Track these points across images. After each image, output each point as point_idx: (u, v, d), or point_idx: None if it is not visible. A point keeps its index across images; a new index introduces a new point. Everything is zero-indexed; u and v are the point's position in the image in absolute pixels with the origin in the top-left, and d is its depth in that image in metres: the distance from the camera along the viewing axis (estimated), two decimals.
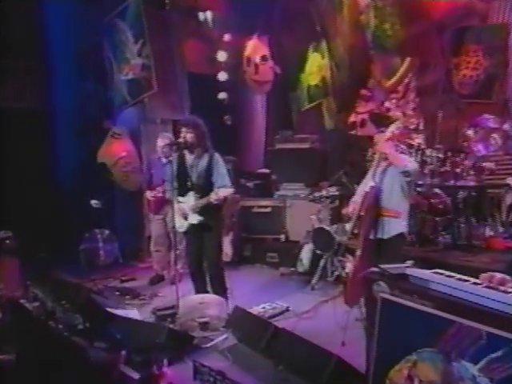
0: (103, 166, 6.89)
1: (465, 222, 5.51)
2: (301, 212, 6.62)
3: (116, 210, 7.13)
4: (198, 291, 4.92)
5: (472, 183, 5.37)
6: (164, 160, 5.88)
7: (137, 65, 6.78)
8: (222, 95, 8.40)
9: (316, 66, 8.57)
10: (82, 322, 4.15)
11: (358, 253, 4.21)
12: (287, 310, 4.94)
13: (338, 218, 5.92)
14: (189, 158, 4.74)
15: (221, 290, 4.79)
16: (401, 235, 4.34)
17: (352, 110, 8.28)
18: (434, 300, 2.67)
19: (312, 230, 5.88)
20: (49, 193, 6.91)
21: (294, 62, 8.70)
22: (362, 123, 8.14)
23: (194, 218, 4.65)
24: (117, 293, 5.65)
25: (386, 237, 4.31)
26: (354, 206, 4.43)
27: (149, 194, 5.86)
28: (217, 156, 4.75)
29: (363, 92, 8.08)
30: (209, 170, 4.67)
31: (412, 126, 6.61)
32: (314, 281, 5.70)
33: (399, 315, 2.83)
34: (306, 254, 6.01)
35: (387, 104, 7.77)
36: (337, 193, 5.73)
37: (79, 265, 6.40)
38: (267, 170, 7.90)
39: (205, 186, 4.64)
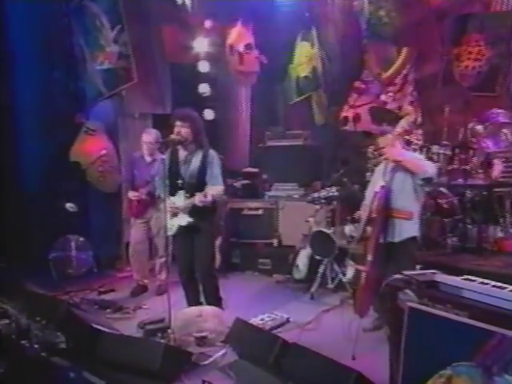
0: (76, 165, 6.71)
1: (473, 223, 5.57)
2: (295, 214, 6.60)
3: (90, 214, 6.95)
4: (190, 302, 4.85)
5: (480, 182, 5.44)
6: (148, 158, 5.79)
7: (113, 53, 6.64)
8: (203, 87, 8.29)
9: (305, 56, 8.56)
10: (65, 341, 4.01)
11: (369, 258, 4.21)
12: (288, 321, 4.91)
13: (339, 220, 5.93)
14: (182, 154, 4.68)
15: (215, 300, 4.74)
16: (413, 239, 4.36)
17: (344, 103, 8.33)
18: (469, 309, 2.68)
19: (310, 234, 5.86)
20: (12, 196, 6.69)
21: (282, 51, 8.69)
22: (356, 118, 8.17)
23: (183, 219, 4.58)
24: (95, 306, 5.51)
25: (397, 240, 4.33)
26: (364, 209, 4.43)
27: (132, 195, 5.74)
28: (212, 153, 4.69)
29: (357, 84, 8.10)
30: (202, 169, 4.61)
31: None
32: (313, 289, 5.69)
33: (430, 326, 2.82)
34: (302, 260, 5.99)
35: (383, 97, 7.81)
36: (336, 193, 5.72)
37: (49, 276, 6.25)
38: (255, 169, 7.85)
39: (197, 186, 4.57)
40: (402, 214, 4.29)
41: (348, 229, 6.24)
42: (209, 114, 8.34)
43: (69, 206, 5.98)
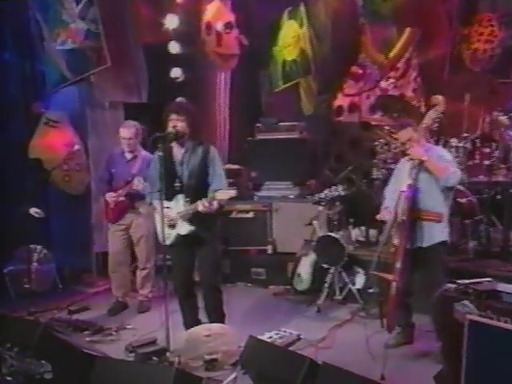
0: (37, 162, 6.54)
1: (493, 224, 5.73)
2: (291, 217, 6.63)
3: (52, 221, 6.78)
4: (187, 320, 4.83)
5: (503, 178, 5.59)
6: (129, 155, 5.71)
7: (79, 30, 6.50)
8: (175, 72, 8.20)
9: (292, 37, 8.62)
10: (50, 370, 3.91)
11: (398, 265, 4.27)
12: (299, 338, 4.94)
13: (346, 222, 6.01)
14: (178, 152, 4.63)
15: (218, 318, 4.73)
16: (443, 243, 4.46)
17: (338, 91, 8.43)
18: None
19: (315, 239, 5.89)
20: None
21: (265, 31, 8.70)
22: (352, 107, 8.30)
23: (184, 228, 4.54)
24: (69, 328, 5.39)
25: (425, 245, 4.42)
26: (389, 211, 4.49)
27: (109, 197, 5.64)
28: (213, 150, 4.67)
29: (353, 70, 8.24)
30: (203, 168, 4.58)
31: None
32: (320, 301, 5.74)
33: (495, 340, 2.89)
34: (305, 269, 6.03)
35: (383, 84, 7.97)
36: (343, 192, 5.78)
37: (6, 293, 6.10)
38: (236, 166, 7.83)
39: (197, 188, 4.54)
40: (431, 215, 4.38)
41: (354, 233, 6.37)
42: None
43: (33, 211, 5.79)
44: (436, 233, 4.42)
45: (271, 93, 8.87)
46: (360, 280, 5.91)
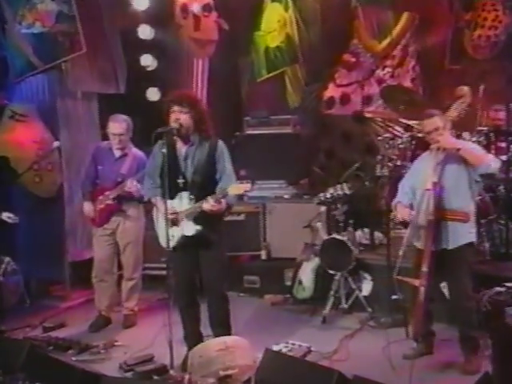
0: (2, 161, 6.46)
1: (507, 224, 5.94)
2: (287, 219, 6.74)
3: (17, 227, 6.67)
4: (189, 333, 4.89)
5: None
6: (118, 153, 5.70)
7: (49, 12, 6.44)
8: (146, 59, 8.17)
9: (277, 21, 8.70)
10: None
11: (424, 269, 4.41)
12: (309, 351, 5.04)
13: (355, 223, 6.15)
14: (181, 146, 4.68)
15: (225, 330, 4.79)
16: (470, 245, 4.62)
17: (328, 81, 8.56)
18: None
19: (320, 242, 6.03)
20: None
21: (247, 14, 8.76)
22: (344, 99, 8.44)
23: (189, 228, 4.58)
24: (49, 347, 5.35)
25: (451, 247, 4.57)
26: (408, 210, 4.60)
27: (86, 208, 5.72)
28: (221, 145, 4.74)
29: (345, 58, 8.38)
30: (210, 164, 4.64)
31: None
32: (325, 310, 5.86)
33: None
34: (307, 275, 6.13)
35: (379, 73, 8.13)
36: (349, 191, 5.90)
37: None
38: None
39: (203, 185, 4.61)
40: (458, 215, 4.52)
41: (358, 235, 6.51)
42: (153, 94, 8.29)
43: (5, 215, 5.73)
44: (462, 234, 4.56)
45: (253, 83, 8.93)
46: (367, 286, 6.07)
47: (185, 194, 4.59)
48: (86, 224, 6.71)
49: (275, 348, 4.95)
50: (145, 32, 7.98)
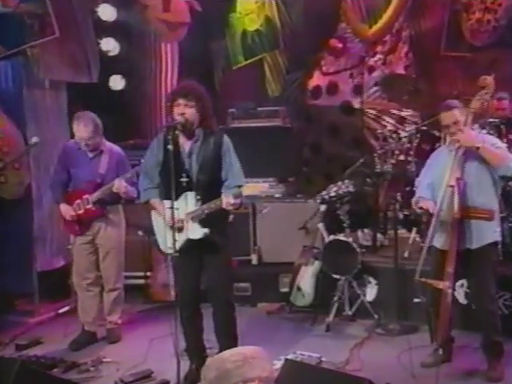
0: None
1: None
2: (278, 220, 6.91)
3: None
4: (192, 347, 5.01)
5: None
6: (91, 153, 5.72)
7: None
8: (108, 43, 8.21)
9: (255, 2, 8.90)
10: None
11: (450, 270, 4.66)
12: (320, 361, 5.22)
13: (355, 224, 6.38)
14: (184, 142, 4.80)
15: (232, 340, 4.92)
16: (494, 245, 4.90)
17: (313, 68, 8.80)
18: None
19: (323, 244, 6.25)
20: None
21: None
22: (331, 88, 8.69)
23: (196, 231, 4.71)
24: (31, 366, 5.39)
25: (475, 247, 4.83)
26: (432, 203, 4.84)
27: (64, 210, 5.69)
28: (227, 141, 4.88)
29: (332, 43, 8.64)
30: (216, 161, 4.78)
31: None
32: (330, 318, 6.08)
33: None
34: (306, 280, 6.32)
35: (370, 60, 8.41)
36: (353, 189, 6.12)
37: None
38: None
39: (209, 184, 4.75)
40: (482, 213, 4.76)
41: (361, 236, 6.76)
42: (117, 83, 8.37)
43: None
44: (487, 233, 4.81)
45: (228, 70, 9.12)
46: (372, 291, 6.31)
47: (190, 195, 4.71)
48: (55, 228, 6.81)
49: (285, 358, 5.11)
50: (106, 12, 8.01)
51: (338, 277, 6.16)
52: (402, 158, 6.57)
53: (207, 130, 4.81)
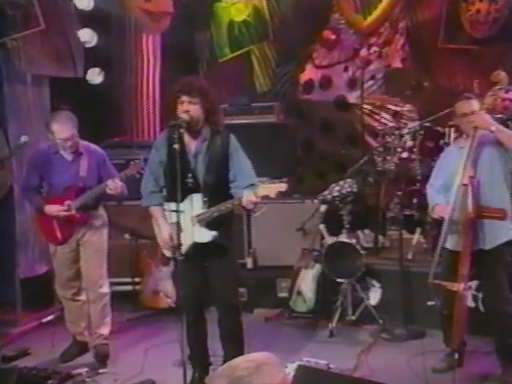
0: None
1: None
2: (274, 221, 7.02)
3: None
4: (195, 353, 5.13)
5: None
6: (70, 156, 5.69)
7: None
8: (85, 34, 8.24)
9: None
10: None
11: (464, 271, 4.85)
12: (328, 368, 5.37)
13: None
14: (190, 141, 4.90)
15: (238, 346, 5.06)
16: (509, 244, 5.09)
17: (305, 61, 8.96)
18: None
19: (325, 246, 6.42)
20: None
21: None
22: (325, 82, 8.84)
23: (204, 235, 4.83)
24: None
25: (489, 247, 5.03)
26: (447, 210, 5.03)
27: (53, 210, 5.65)
28: (234, 140, 4.99)
29: (324, 35, 8.78)
30: (224, 161, 4.90)
31: None
32: (333, 323, 6.27)
33: None
34: (307, 285, 6.48)
35: (364, 53, 8.57)
36: (355, 189, 6.25)
37: None
38: None
39: (217, 186, 4.87)
40: (495, 212, 4.94)
41: (362, 237, 6.94)
42: (95, 76, 8.39)
43: None
44: (500, 232, 5.01)
45: (213, 63, 9.22)
46: (375, 295, 6.50)
47: (197, 197, 4.82)
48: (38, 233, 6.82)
49: (292, 366, 5.25)
50: (82, 1, 7.96)
51: (341, 280, 6.34)
52: (404, 155, 6.72)
53: (214, 127, 4.91)
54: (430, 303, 5.08)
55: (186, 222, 4.79)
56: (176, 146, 4.61)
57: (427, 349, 5.53)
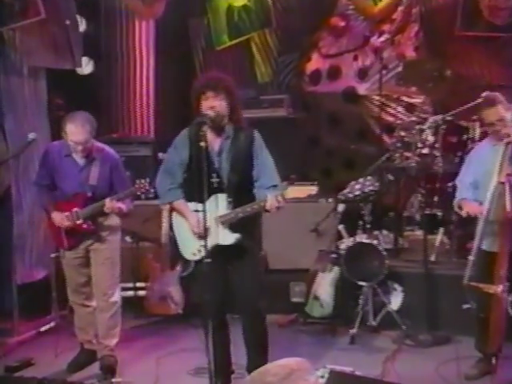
0: None
1: None
2: (286, 222, 7.22)
3: None
4: (217, 361, 5.25)
5: None
6: (82, 161, 5.79)
7: None
8: None
9: None
10: None
11: (502, 273, 5.12)
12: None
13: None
14: (213, 139, 5.07)
15: (263, 352, 5.25)
16: None
17: (310, 50, 9.17)
18: None
19: (344, 248, 6.64)
20: None
21: None
22: (333, 72, 9.05)
23: (227, 237, 5.01)
24: None
25: None
26: (479, 206, 5.29)
27: (57, 220, 5.78)
28: (258, 137, 5.18)
29: (332, 21, 8.99)
30: (248, 159, 5.08)
31: None
32: (354, 329, 6.50)
33: None
34: (325, 289, 6.70)
35: (375, 41, 8.80)
36: (376, 187, 6.45)
37: None
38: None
39: (241, 185, 5.05)
40: None
41: (381, 238, 7.17)
42: (84, 66, 8.51)
43: None
44: None
45: (210, 51, 9.40)
46: (397, 299, 6.74)
47: (221, 197, 5.00)
48: (36, 235, 6.99)
49: (319, 373, 5.44)
50: None
51: (362, 283, 6.57)
52: (425, 151, 6.93)
53: (237, 124, 5.10)
54: (465, 306, 5.28)
55: (209, 223, 4.90)
56: (203, 144, 4.76)
57: (455, 355, 5.70)
